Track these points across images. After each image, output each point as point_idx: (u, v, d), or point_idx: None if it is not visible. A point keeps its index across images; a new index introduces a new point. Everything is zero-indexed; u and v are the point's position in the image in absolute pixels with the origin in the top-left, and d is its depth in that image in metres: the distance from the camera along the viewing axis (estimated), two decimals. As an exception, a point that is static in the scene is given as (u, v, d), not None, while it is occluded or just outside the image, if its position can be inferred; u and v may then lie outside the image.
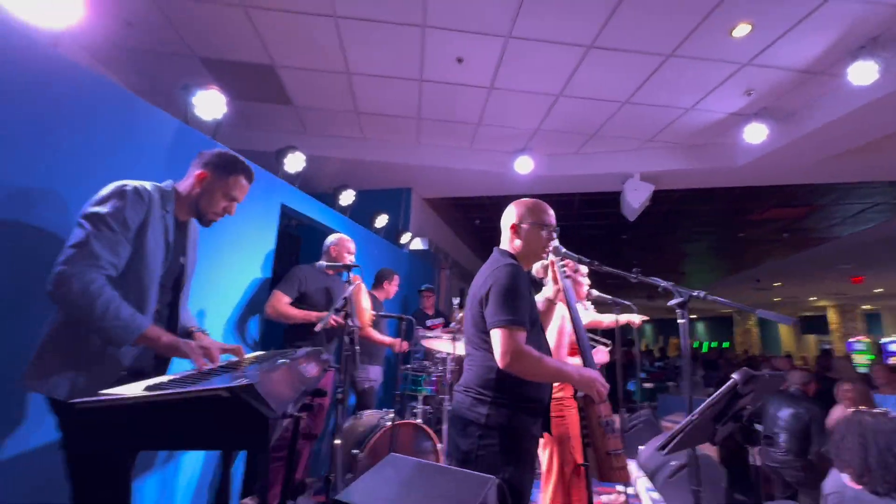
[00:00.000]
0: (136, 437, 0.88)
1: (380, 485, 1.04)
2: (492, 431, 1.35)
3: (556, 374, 1.42)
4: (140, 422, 0.86)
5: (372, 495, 0.98)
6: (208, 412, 0.87)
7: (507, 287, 1.40)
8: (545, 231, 1.61)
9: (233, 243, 2.51)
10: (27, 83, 1.50)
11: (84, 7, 1.63)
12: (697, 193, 5.47)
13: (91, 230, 1.22)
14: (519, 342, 1.35)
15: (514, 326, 1.35)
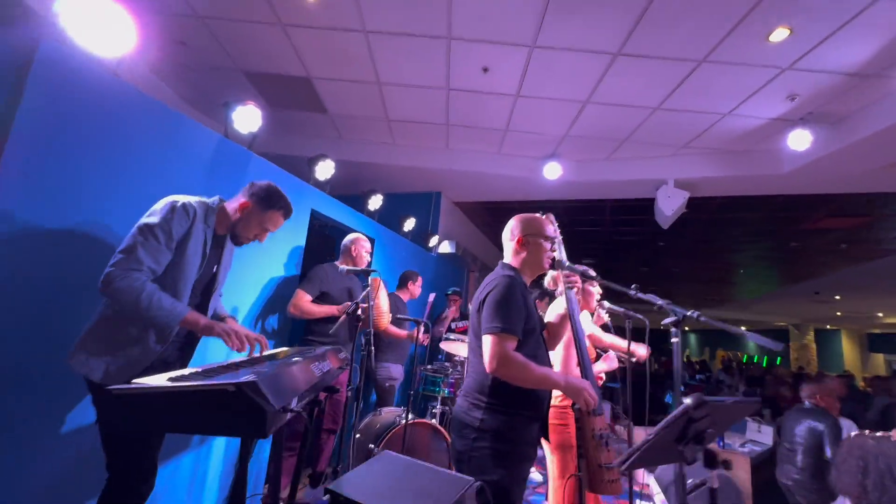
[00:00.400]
0: (158, 421, 1.03)
1: (368, 478, 1.14)
2: (485, 435, 1.42)
3: (543, 381, 1.46)
4: (162, 408, 1.01)
5: (358, 486, 1.08)
6: (217, 402, 1.00)
7: (500, 297, 1.47)
8: (547, 243, 1.66)
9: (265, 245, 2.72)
10: (92, 105, 1.74)
11: (137, 37, 1.85)
12: (740, 201, 5.20)
13: (140, 239, 1.41)
14: (506, 349, 1.41)
15: (503, 334, 1.42)
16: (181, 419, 1.02)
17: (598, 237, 7.51)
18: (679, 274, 10.33)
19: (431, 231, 5.54)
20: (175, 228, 1.48)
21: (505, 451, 1.41)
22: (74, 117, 1.69)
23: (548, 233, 1.70)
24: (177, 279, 1.51)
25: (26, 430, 1.52)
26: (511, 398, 1.45)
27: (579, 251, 8.79)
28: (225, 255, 1.76)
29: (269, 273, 2.74)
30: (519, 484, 1.44)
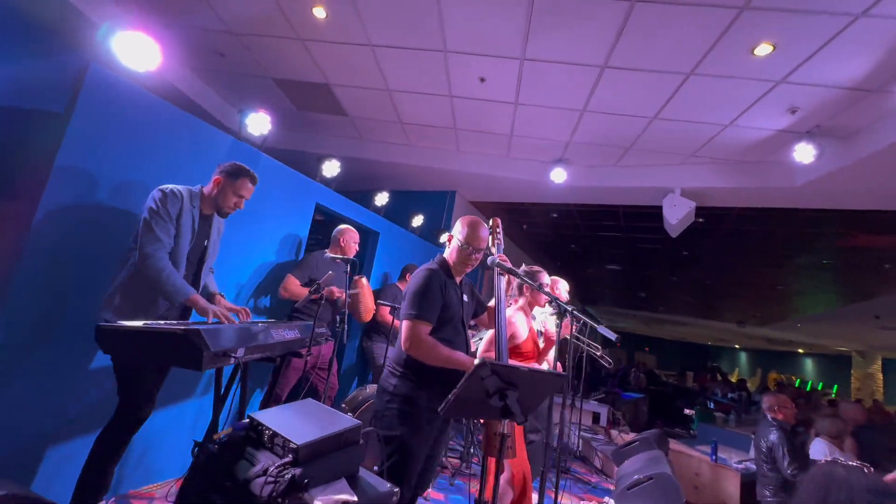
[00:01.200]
0: (134, 352, 1.42)
1: (284, 412, 1.48)
2: (396, 398, 1.70)
3: (448, 361, 1.67)
4: (136, 342, 1.40)
5: (271, 416, 1.41)
6: (171, 342, 1.38)
7: (417, 288, 1.73)
8: (471, 250, 1.86)
9: (272, 233, 3.16)
10: (128, 115, 2.21)
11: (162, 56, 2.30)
12: (758, 213, 5.05)
13: (153, 222, 1.83)
14: (418, 332, 1.67)
15: (416, 320, 1.68)
16: (148, 352, 1.40)
17: (618, 243, 7.45)
18: (715, 287, 9.90)
19: (444, 228, 5.83)
20: (170, 208, 1.89)
21: (410, 412, 1.67)
22: (114, 124, 2.16)
23: (477, 244, 1.87)
24: (176, 252, 1.93)
25: (69, 367, 2.00)
26: (421, 371, 1.71)
27: (603, 256, 8.72)
28: (213, 231, 2.16)
29: (275, 258, 3.17)
30: (421, 441, 1.68)
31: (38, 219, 1.92)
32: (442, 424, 1.79)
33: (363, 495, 1.30)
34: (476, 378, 1.07)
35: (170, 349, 1.37)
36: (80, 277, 2.03)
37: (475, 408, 1.19)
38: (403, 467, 1.63)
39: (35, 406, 1.94)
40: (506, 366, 1.10)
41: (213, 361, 1.39)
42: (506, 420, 1.75)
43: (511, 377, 1.12)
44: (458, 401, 1.12)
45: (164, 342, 1.37)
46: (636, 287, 11.95)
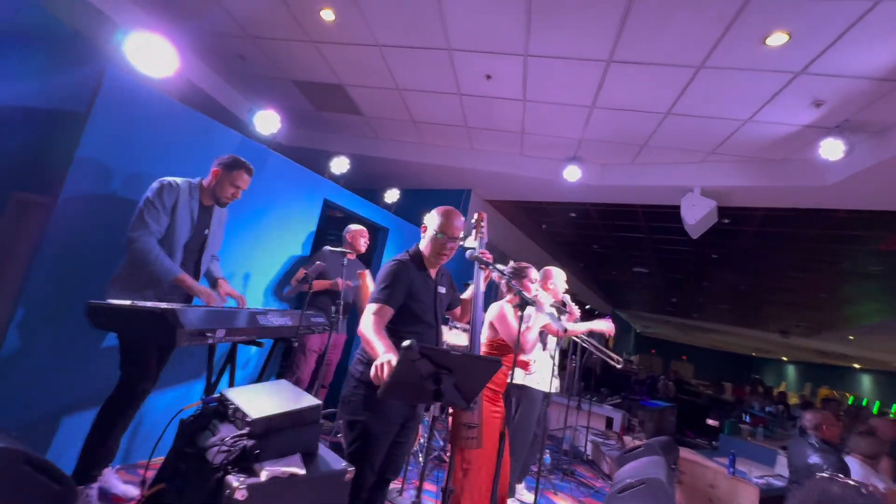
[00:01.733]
0: (120, 328, 1.55)
1: (253, 391, 1.57)
2: (361, 384, 1.73)
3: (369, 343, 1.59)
4: (123, 318, 1.53)
5: (239, 393, 1.50)
6: (151, 320, 1.50)
7: (382, 275, 1.77)
8: (445, 239, 1.88)
9: (280, 227, 3.31)
10: (142, 115, 2.39)
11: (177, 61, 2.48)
12: (788, 214, 4.75)
13: (144, 210, 1.99)
14: (377, 316, 1.68)
15: (381, 302, 1.70)
16: (131, 328, 1.53)
17: (641, 244, 7.21)
18: (750, 293, 9.37)
19: (458, 226, 5.87)
20: (165, 199, 2.04)
21: (374, 398, 1.69)
22: (129, 123, 2.35)
23: (451, 232, 1.88)
24: (171, 240, 2.08)
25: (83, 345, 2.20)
26: None
27: (626, 258, 8.46)
28: (213, 221, 2.30)
29: (287, 252, 3.33)
30: (384, 426, 1.69)
31: (59, 208, 2.12)
32: (409, 412, 1.80)
33: (315, 471, 1.36)
34: (407, 361, 1.10)
35: (150, 326, 1.50)
36: (94, 262, 2.22)
37: (412, 391, 1.22)
38: (365, 451, 1.66)
39: (51, 380, 2.14)
40: (437, 349, 1.13)
41: (188, 339, 1.50)
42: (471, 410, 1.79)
43: (445, 361, 1.15)
44: (394, 383, 1.16)
45: (144, 319, 1.50)
46: (665, 292, 11.49)
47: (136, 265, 2.00)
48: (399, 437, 1.82)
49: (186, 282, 1.99)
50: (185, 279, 1.98)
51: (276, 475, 1.24)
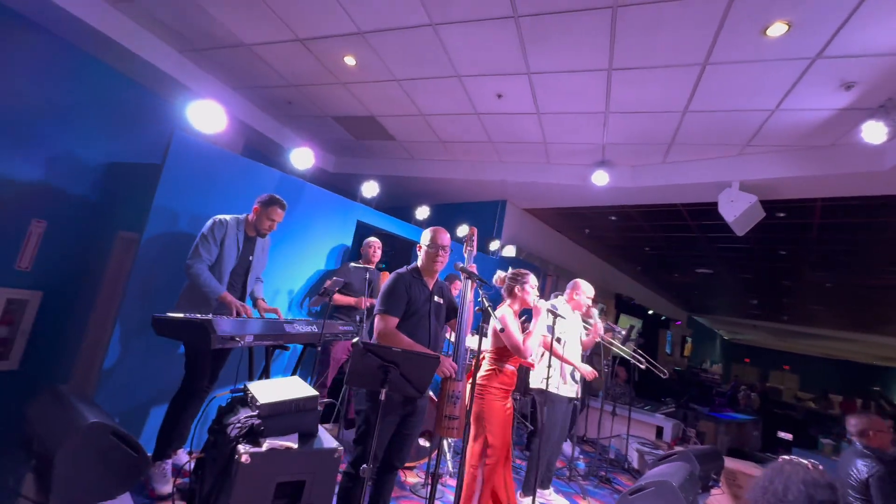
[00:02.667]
0: (174, 334, 2.02)
1: (271, 385, 1.95)
2: None
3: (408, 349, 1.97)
4: (173, 327, 2.00)
5: (259, 387, 1.89)
6: (194, 328, 1.95)
7: (385, 289, 2.09)
8: (436, 252, 2.17)
9: (318, 247, 3.79)
10: (202, 164, 2.98)
11: (225, 120, 3.05)
12: (850, 204, 4.30)
13: (199, 243, 2.52)
14: (385, 325, 2.01)
15: (384, 314, 2.03)
16: (182, 334, 2.00)
17: (696, 244, 6.80)
18: (841, 292, 8.27)
19: (496, 237, 6.06)
20: (216, 234, 2.55)
21: (375, 393, 2.01)
22: (192, 172, 2.94)
23: (439, 242, 2.19)
24: (220, 266, 2.58)
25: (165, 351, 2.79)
26: None
27: (684, 259, 7.98)
28: (256, 249, 2.79)
29: (322, 268, 3.81)
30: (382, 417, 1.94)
31: (142, 245, 2.74)
32: (410, 406, 2.08)
33: (309, 447, 1.69)
34: (357, 355, 1.39)
35: (194, 332, 1.95)
36: (170, 285, 2.81)
37: (370, 380, 1.50)
38: (366, 436, 1.97)
39: (143, 379, 2.74)
40: (380, 346, 1.39)
41: (220, 342, 1.93)
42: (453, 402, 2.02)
43: (389, 356, 1.41)
44: (354, 373, 1.45)
45: (189, 327, 1.95)
46: (741, 294, 10.51)
47: (193, 287, 2.52)
48: (403, 428, 2.10)
49: (227, 299, 2.46)
50: (227, 297, 2.46)
51: (274, 447, 1.59)
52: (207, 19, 3.46)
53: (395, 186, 6.40)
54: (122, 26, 3.63)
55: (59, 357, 3.32)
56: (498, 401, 2.49)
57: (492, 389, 2.49)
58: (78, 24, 3.41)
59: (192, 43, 3.90)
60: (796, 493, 1.39)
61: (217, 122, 3.03)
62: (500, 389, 2.50)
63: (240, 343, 2.04)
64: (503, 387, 2.50)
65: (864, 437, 2.74)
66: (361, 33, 3.32)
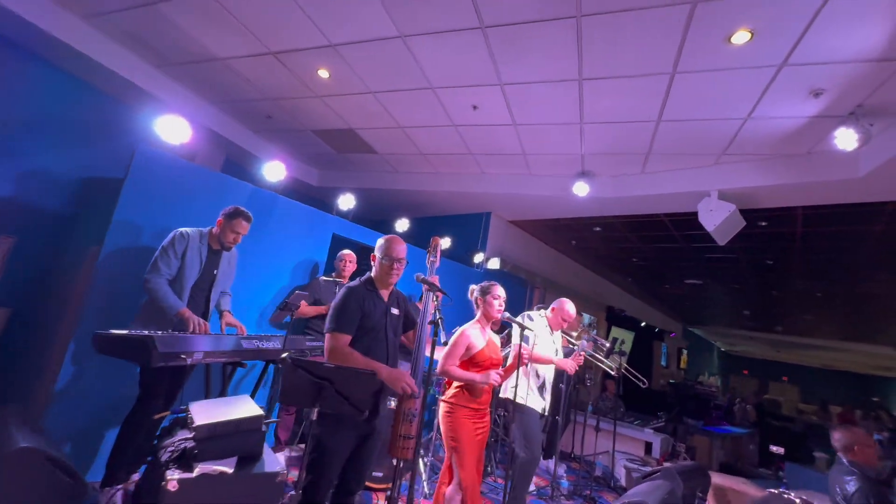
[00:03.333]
0: (118, 350, 1.93)
1: (216, 404, 1.85)
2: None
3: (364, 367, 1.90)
4: (117, 343, 1.91)
5: (203, 404, 1.80)
6: (136, 344, 1.86)
7: (336, 304, 2.00)
8: (390, 262, 2.09)
9: (291, 261, 3.72)
10: (168, 177, 2.93)
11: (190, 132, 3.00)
12: (832, 212, 4.27)
13: (159, 255, 2.44)
14: (336, 343, 1.92)
15: (334, 332, 1.94)
16: (125, 350, 1.91)
17: (683, 254, 6.76)
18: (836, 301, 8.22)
19: (480, 249, 6.00)
20: (177, 247, 2.47)
21: (329, 416, 1.87)
22: (157, 185, 2.89)
23: (394, 254, 2.12)
24: (181, 281, 2.51)
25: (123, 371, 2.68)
26: None
27: (673, 270, 7.93)
28: (222, 262, 2.71)
29: (293, 282, 3.73)
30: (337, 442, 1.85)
31: (101, 260, 2.66)
32: (366, 429, 1.97)
33: (247, 472, 1.59)
34: (287, 372, 1.31)
35: (134, 349, 1.86)
36: (131, 300, 2.72)
37: (304, 398, 1.41)
38: (319, 462, 1.85)
39: (98, 400, 2.63)
40: (309, 361, 1.31)
41: (162, 359, 1.84)
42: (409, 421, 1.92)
43: (321, 372, 1.33)
44: (286, 391, 1.37)
45: (130, 344, 1.86)
46: (733, 304, 10.44)
47: (152, 302, 2.44)
48: (361, 450, 1.99)
49: (185, 314, 2.37)
50: (185, 312, 2.37)
51: (206, 472, 1.49)
52: (179, 33, 3.46)
53: (379, 199, 6.37)
54: (97, 43, 3.62)
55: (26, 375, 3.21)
56: (466, 418, 2.38)
57: (460, 409, 2.39)
58: (51, 41, 3.40)
59: (167, 58, 3.89)
60: None
61: (183, 135, 2.99)
62: (469, 409, 2.39)
63: (187, 360, 1.95)
64: (473, 405, 2.40)
65: (848, 452, 2.65)
66: (332, 45, 3.32)
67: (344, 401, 1.39)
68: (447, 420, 2.40)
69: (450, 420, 2.39)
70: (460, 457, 2.32)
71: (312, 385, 1.36)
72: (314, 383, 1.35)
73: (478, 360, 2.45)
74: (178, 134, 2.98)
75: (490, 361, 2.49)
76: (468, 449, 2.34)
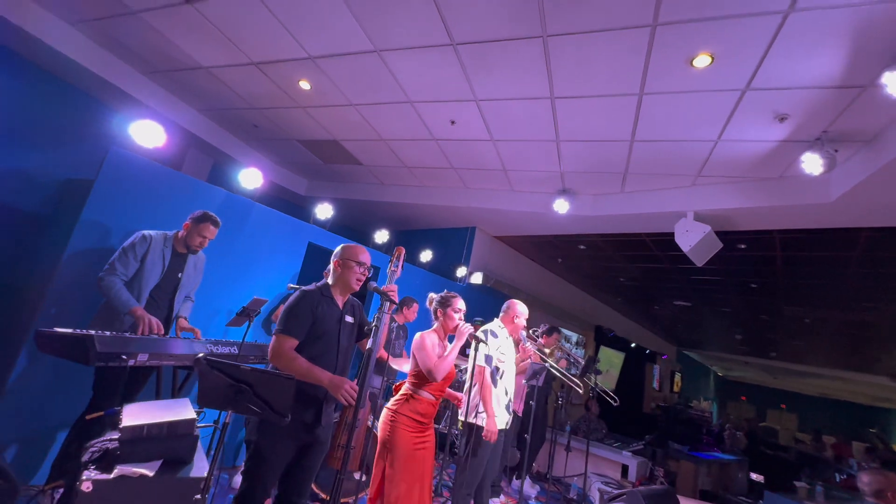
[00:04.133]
0: (58, 349, 1.92)
1: (153, 406, 1.83)
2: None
3: (307, 375, 1.84)
4: (58, 342, 1.90)
5: (138, 407, 1.77)
6: (78, 343, 1.85)
7: (287, 307, 1.99)
8: (357, 267, 2.09)
9: (266, 269, 3.72)
10: (139, 180, 2.96)
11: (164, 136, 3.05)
12: (808, 236, 4.29)
13: (117, 256, 2.45)
14: (280, 345, 1.90)
15: (281, 334, 1.92)
16: (65, 349, 1.89)
17: (669, 275, 6.75)
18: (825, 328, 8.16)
19: (464, 263, 6.01)
20: (137, 249, 2.48)
21: (267, 422, 1.86)
22: (127, 187, 2.91)
23: (361, 258, 2.11)
24: (139, 283, 2.50)
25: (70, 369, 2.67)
26: None
27: (659, 290, 7.90)
28: (187, 266, 2.72)
29: (268, 291, 3.72)
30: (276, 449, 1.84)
31: (63, 261, 2.67)
32: (309, 437, 1.94)
33: (171, 475, 1.56)
34: (203, 372, 1.30)
35: (74, 347, 1.85)
36: (90, 301, 2.72)
37: (225, 401, 1.40)
38: (256, 470, 1.83)
39: (51, 401, 2.60)
40: (225, 363, 1.30)
41: (100, 359, 1.83)
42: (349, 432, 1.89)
43: (238, 375, 1.32)
44: (203, 392, 1.35)
45: (72, 342, 1.86)
46: (725, 328, 10.37)
47: (107, 303, 2.43)
48: (304, 460, 1.95)
49: (137, 312, 2.36)
50: (137, 310, 2.36)
51: (125, 474, 1.46)
52: (163, 41, 3.54)
53: (365, 211, 6.41)
54: (82, 47, 3.71)
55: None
56: (407, 430, 2.29)
57: (402, 417, 2.30)
58: (33, 41, 3.48)
59: (152, 64, 3.98)
60: None
61: (158, 139, 3.04)
62: (411, 419, 2.30)
63: (129, 361, 1.94)
64: (416, 416, 2.32)
65: (881, 497, 2.51)
66: (311, 58, 3.39)
67: (265, 405, 1.38)
68: (385, 428, 2.28)
69: (389, 428, 2.28)
70: (392, 470, 2.22)
71: (230, 388, 1.35)
72: (231, 386, 1.34)
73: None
74: (153, 138, 3.03)
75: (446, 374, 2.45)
76: (402, 463, 2.21)
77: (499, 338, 3.12)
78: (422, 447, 2.32)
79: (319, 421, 1.96)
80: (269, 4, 2.89)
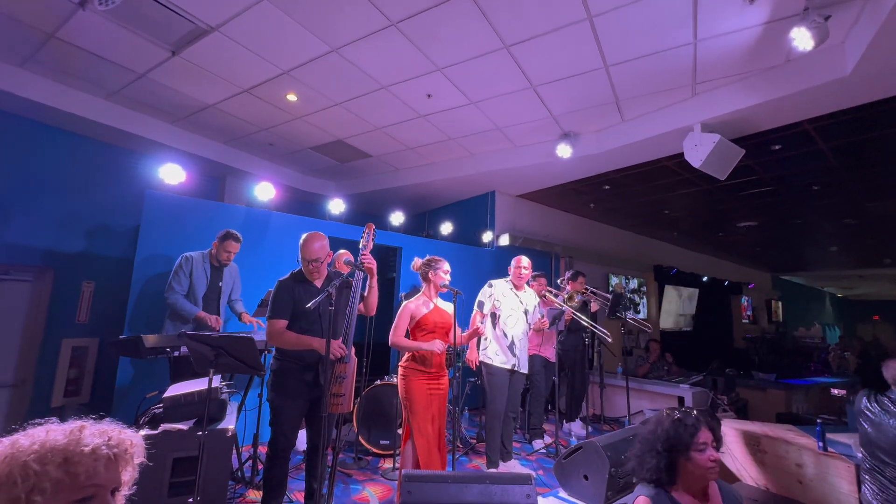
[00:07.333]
0: (128, 351, 2.51)
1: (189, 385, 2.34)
2: (273, 373, 2.36)
3: (298, 343, 2.25)
4: (127, 345, 2.49)
5: (182, 384, 2.29)
6: (134, 343, 2.42)
7: (273, 294, 2.38)
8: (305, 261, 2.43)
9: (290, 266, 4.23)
10: (172, 213, 3.58)
11: (184, 175, 3.62)
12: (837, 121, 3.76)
13: (172, 277, 3.06)
14: (272, 327, 2.28)
15: (270, 318, 2.31)
16: (130, 350, 2.47)
17: (716, 198, 6.23)
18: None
19: (489, 228, 6.14)
20: (185, 268, 3.08)
21: (280, 383, 2.28)
22: (167, 222, 3.55)
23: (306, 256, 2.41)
24: (193, 293, 3.11)
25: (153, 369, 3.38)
26: (283, 353, 2.33)
27: (718, 215, 7.28)
28: (225, 276, 3.29)
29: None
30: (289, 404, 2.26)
31: (133, 284, 3.37)
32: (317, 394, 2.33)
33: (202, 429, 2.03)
34: (190, 345, 1.70)
35: (136, 347, 2.42)
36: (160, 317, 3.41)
37: (211, 364, 1.80)
38: (276, 421, 2.28)
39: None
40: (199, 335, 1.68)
41: (149, 353, 2.37)
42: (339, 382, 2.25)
43: (213, 342, 1.70)
44: (196, 359, 1.77)
45: (134, 343, 2.43)
46: (810, 242, 9.21)
47: (173, 311, 3.07)
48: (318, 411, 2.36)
49: (200, 315, 3.02)
50: (200, 314, 3.02)
51: (167, 429, 1.96)
52: (171, 92, 4.13)
53: (386, 199, 6.77)
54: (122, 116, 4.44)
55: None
56: (418, 380, 2.66)
57: (409, 371, 2.68)
58: (74, 118, 4.26)
59: (174, 115, 4.63)
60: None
61: (180, 176, 3.63)
62: (418, 371, 2.67)
63: (174, 353, 2.48)
64: (420, 367, 2.67)
65: None
66: (286, 72, 3.75)
67: (240, 363, 1.75)
68: (401, 384, 2.70)
69: (404, 383, 2.69)
70: (414, 417, 2.60)
71: (211, 351, 1.74)
72: (212, 350, 1.74)
73: (423, 324, 2.73)
74: (176, 176, 3.63)
75: (436, 325, 2.74)
76: (420, 409, 2.60)
77: (494, 287, 3.33)
78: (436, 392, 2.68)
79: (318, 379, 2.34)
80: (236, 39, 3.28)
